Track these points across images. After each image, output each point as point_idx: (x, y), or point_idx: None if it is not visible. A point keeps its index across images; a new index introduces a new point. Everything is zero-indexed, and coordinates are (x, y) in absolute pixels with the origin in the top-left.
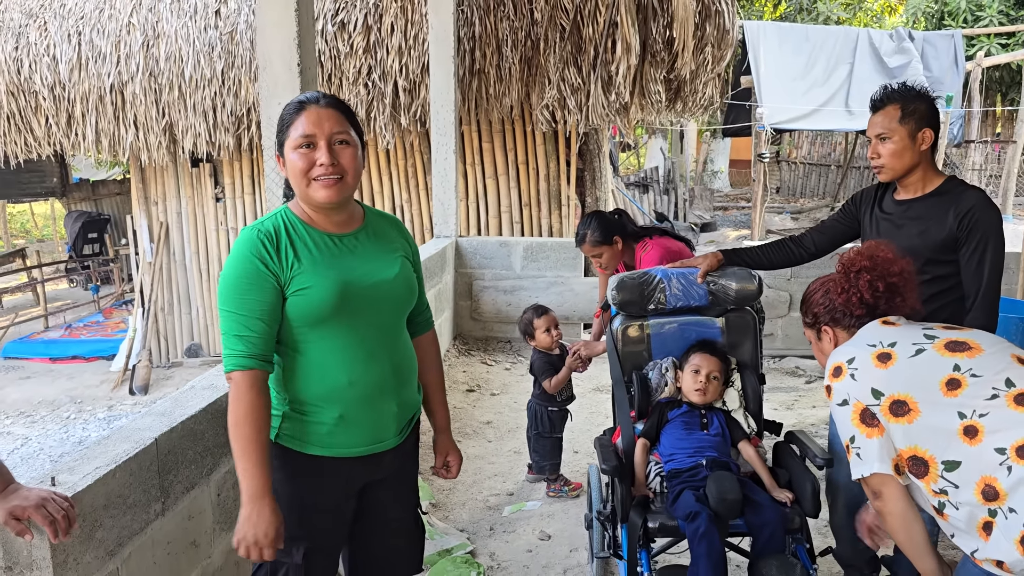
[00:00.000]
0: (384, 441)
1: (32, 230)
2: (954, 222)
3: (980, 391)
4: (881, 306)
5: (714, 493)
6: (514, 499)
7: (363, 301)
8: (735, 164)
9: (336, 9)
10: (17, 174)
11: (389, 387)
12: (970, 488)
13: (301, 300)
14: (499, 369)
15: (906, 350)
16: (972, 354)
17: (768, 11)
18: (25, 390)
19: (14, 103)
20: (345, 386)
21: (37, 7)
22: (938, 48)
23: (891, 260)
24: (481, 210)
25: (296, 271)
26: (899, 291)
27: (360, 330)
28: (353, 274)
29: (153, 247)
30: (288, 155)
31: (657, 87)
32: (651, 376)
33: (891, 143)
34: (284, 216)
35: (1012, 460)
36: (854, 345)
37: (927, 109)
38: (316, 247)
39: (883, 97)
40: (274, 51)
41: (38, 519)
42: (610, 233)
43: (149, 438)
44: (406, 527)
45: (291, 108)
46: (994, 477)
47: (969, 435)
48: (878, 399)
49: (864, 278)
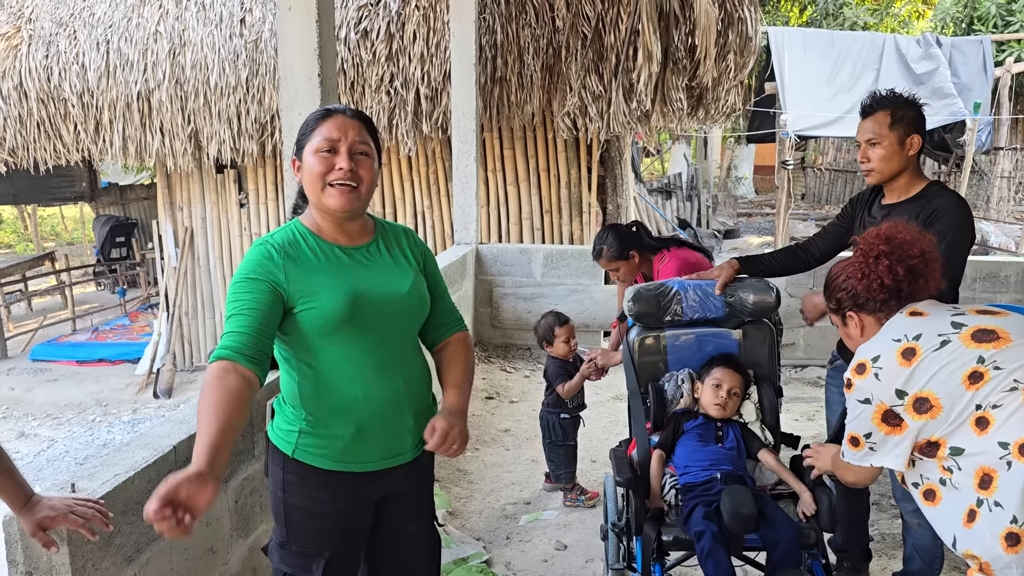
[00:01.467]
0: (401, 455)
1: (62, 233)
2: (923, 218)
3: (1001, 383)
4: (904, 289)
5: (728, 508)
6: (531, 508)
7: (374, 314)
8: (759, 170)
9: (359, 17)
10: (48, 179)
11: (403, 400)
12: (969, 474)
13: (311, 313)
14: (518, 376)
15: (931, 342)
16: (999, 344)
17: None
18: (52, 392)
19: (44, 110)
20: (359, 400)
21: (67, 16)
22: (966, 54)
23: (910, 242)
24: (502, 217)
25: (305, 283)
26: (921, 273)
27: (372, 344)
28: (364, 286)
29: (178, 252)
30: (307, 158)
31: (679, 94)
32: (667, 388)
33: (880, 148)
34: (294, 229)
35: (1013, 456)
36: (880, 341)
37: (915, 116)
38: (326, 259)
39: (873, 104)
40: (295, 62)
41: (69, 525)
42: (626, 248)
43: (167, 445)
44: (424, 541)
45: (317, 114)
46: (993, 469)
47: (980, 426)
48: (902, 399)
49: (883, 263)
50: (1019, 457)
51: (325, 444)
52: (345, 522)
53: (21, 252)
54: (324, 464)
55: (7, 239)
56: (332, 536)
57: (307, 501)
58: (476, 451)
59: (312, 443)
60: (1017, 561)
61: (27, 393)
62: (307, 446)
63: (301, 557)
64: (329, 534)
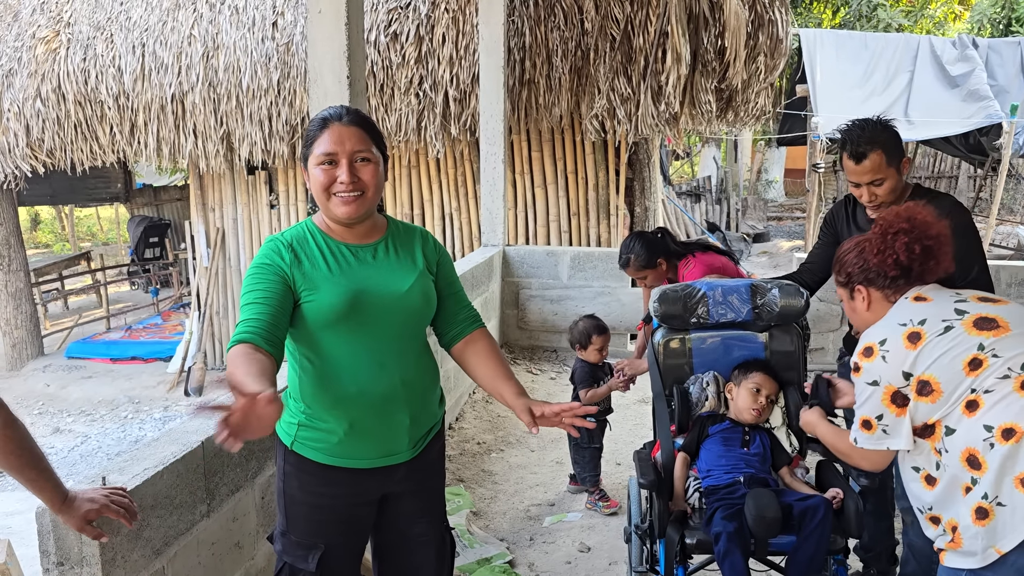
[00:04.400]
0: (397, 454)
1: (98, 233)
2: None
3: (996, 370)
4: (915, 268)
5: (752, 511)
6: (555, 510)
7: (374, 311)
8: (790, 174)
9: (389, 20)
10: (84, 180)
11: (399, 399)
12: (956, 455)
13: (311, 305)
14: (544, 379)
15: (935, 327)
16: (999, 333)
17: (827, 19)
18: (86, 389)
19: (81, 112)
20: (354, 395)
21: (104, 20)
22: (1004, 56)
23: (929, 223)
24: (529, 219)
25: (310, 275)
26: (934, 254)
27: (370, 340)
28: (366, 284)
29: (210, 252)
30: (312, 170)
31: (708, 97)
32: (692, 390)
33: (887, 185)
34: (306, 228)
35: (996, 439)
36: (885, 325)
37: (897, 138)
38: (332, 256)
39: (860, 148)
40: (324, 64)
41: (112, 515)
42: (654, 256)
43: (196, 441)
44: (431, 542)
45: (315, 124)
46: (978, 450)
47: (970, 408)
48: (908, 381)
49: (901, 240)
50: (1001, 440)
51: (321, 438)
52: (342, 516)
53: (58, 252)
54: (321, 458)
55: (45, 239)
56: (328, 529)
57: (305, 493)
58: (501, 452)
59: (310, 436)
60: (984, 533)
61: (62, 390)
62: (305, 439)
63: (299, 548)
64: (325, 527)
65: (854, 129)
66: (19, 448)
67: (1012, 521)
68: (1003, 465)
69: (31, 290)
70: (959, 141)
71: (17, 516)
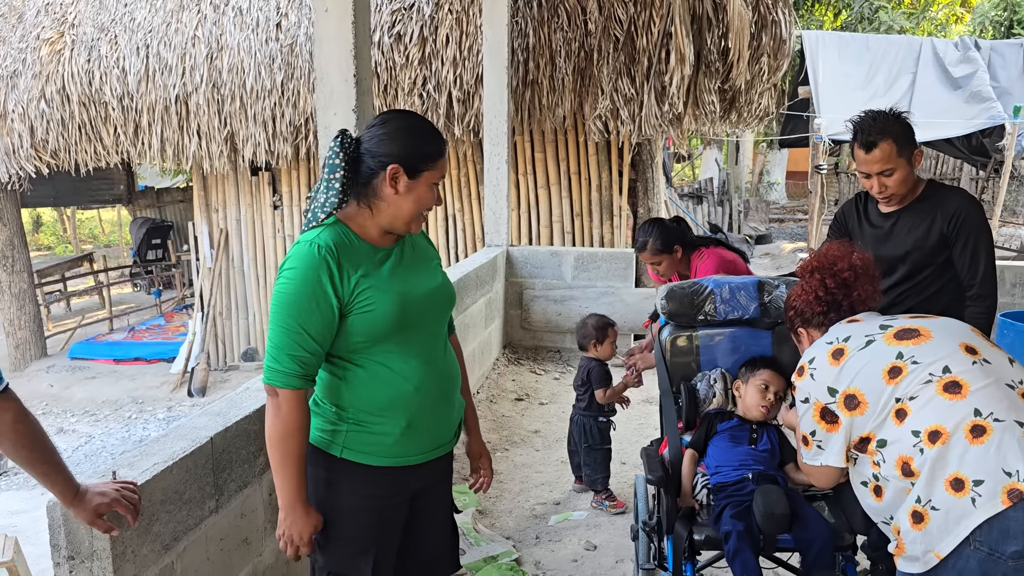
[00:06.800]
0: (444, 445)
1: (100, 235)
2: (943, 223)
3: (918, 376)
4: (841, 301)
5: (760, 508)
6: (560, 508)
7: (419, 311)
8: (792, 175)
9: (393, 21)
10: (87, 181)
11: (446, 390)
12: (892, 465)
13: (366, 318)
14: (548, 379)
15: (857, 343)
16: (918, 341)
17: (828, 20)
18: (90, 390)
19: (85, 113)
20: (412, 393)
21: (108, 21)
22: (1006, 57)
23: (839, 257)
24: (532, 220)
25: (360, 288)
26: (852, 286)
27: (418, 338)
28: (407, 286)
29: (213, 253)
30: (421, 187)
31: (711, 97)
32: (699, 387)
33: (897, 175)
34: (341, 230)
35: (924, 443)
36: (816, 345)
37: (910, 130)
38: (371, 261)
39: (870, 136)
40: (331, 63)
41: (121, 510)
42: (671, 242)
43: (205, 437)
44: (447, 527)
45: (439, 145)
46: (910, 457)
47: (899, 417)
48: (833, 396)
49: (816, 277)
50: (928, 444)
51: (376, 441)
52: (391, 516)
53: (60, 253)
54: (374, 461)
55: (47, 241)
56: (379, 532)
57: (357, 498)
58: (506, 451)
59: (359, 441)
60: (921, 537)
61: (66, 390)
62: (354, 444)
63: (350, 556)
64: (375, 530)
65: (866, 119)
66: (32, 443)
67: (946, 524)
68: (933, 468)
69: (34, 291)
70: (961, 143)
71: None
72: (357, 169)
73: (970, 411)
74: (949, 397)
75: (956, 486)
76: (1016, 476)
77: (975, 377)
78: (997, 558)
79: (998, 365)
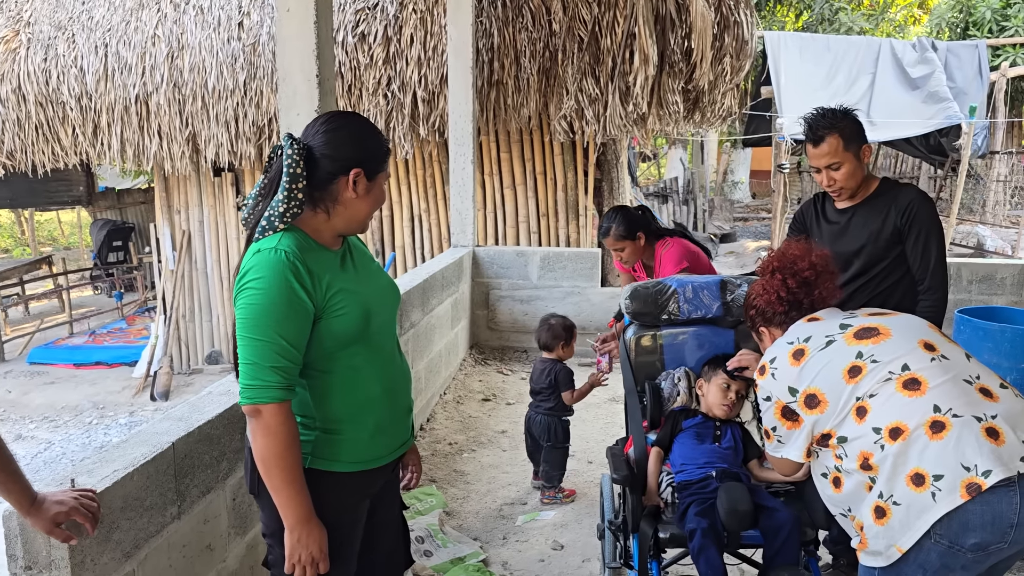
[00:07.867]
0: (405, 443)
1: (59, 238)
2: (896, 216)
3: (877, 375)
4: (802, 299)
5: (724, 505)
6: (528, 508)
7: (378, 311)
8: (756, 175)
9: (356, 21)
10: (45, 183)
11: (405, 388)
12: (853, 459)
13: (338, 322)
14: (515, 379)
15: (818, 343)
16: (877, 340)
17: (790, 21)
18: (49, 395)
19: (42, 113)
20: (379, 395)
21: (66, 20)
22: (962, 58)
23: (799, 256)
24: (499, 220)
25: (330, 292)
26: (813, 284)
27: (379, 339)
28: (367, 287)
29: (175, 255)
30: (377, 187)
31: (675, 97)
32: (663, 386)
33: (844, 169)
34: (298, 235)
35: (884, 440)
36: (777, 344)
37: (858, 127)
38: (334, 266)
39: (818, 131)
40: (293, 63)
41: (80, 518)
42: (634, 229)
43: (166, 442)
44: (399, 523)
45: (387, 144)
46: (871, 452)
47: (860, 415)
48: (794, 396)
49: (777, 277)
50: (889, 440)
51: (343, 447)
52: (358, 519)
53: (18, 256)
54: (341, 468)
55: (4, 243)
56: (352, 540)
57: (327, 510)
58: (473, 452)
59: (328, 449)
60: (884, 532)
61: (24, 396)
62: (322, 453)
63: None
64: (350, 538)
65: (816, 116)
66: None
67: (907, 519)
68: (895, 464)
69: None
70: (920, 142)
71: None
72: (312, 174)
73: (930, 407)
74: (909, 394)
75: (917, 481)
76: (974, 470)
77: (934, 374)
78: (957, 551)
79: (956, 361)
